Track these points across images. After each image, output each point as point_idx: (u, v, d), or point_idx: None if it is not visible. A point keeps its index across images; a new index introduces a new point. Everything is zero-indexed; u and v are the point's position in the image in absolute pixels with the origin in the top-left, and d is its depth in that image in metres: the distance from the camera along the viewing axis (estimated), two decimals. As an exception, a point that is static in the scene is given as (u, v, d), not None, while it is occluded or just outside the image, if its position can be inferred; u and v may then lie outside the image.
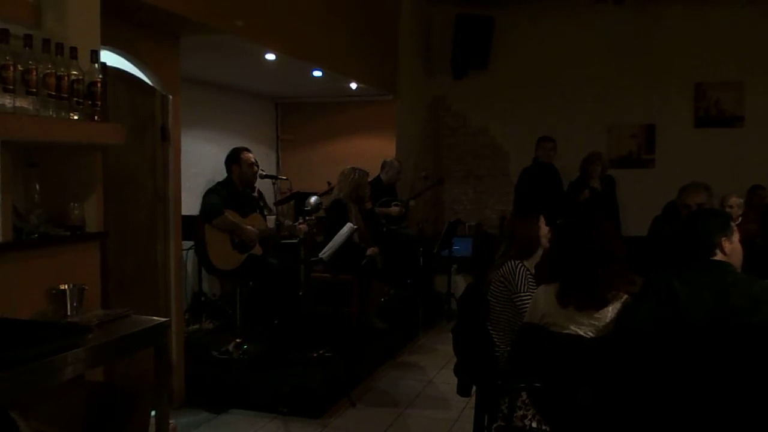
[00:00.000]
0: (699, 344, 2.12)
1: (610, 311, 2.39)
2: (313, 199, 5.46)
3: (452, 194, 7.84)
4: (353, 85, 6.27)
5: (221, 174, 4.80)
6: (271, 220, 4.91)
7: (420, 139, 7.54)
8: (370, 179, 5.88)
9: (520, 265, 3.09)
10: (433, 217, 7.65)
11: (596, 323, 2.39)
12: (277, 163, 7.42)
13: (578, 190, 6.12)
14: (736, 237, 2.35)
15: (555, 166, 6.42)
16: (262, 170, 5.01)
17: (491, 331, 3.05)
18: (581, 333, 2.40)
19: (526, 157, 6.50)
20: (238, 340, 4.60)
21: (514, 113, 7.46)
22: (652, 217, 4.77)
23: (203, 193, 4.62)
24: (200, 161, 5.85)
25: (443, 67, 7.51)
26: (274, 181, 5.09)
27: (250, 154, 4.74)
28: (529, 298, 2.90)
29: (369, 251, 5.24)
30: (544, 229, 3.22)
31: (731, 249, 2.32)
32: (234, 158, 4.71)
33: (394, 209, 6.19)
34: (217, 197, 4.49)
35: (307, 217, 4.68)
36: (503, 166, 7.62)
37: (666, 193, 4.96)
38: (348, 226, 4.84)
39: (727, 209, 4.67)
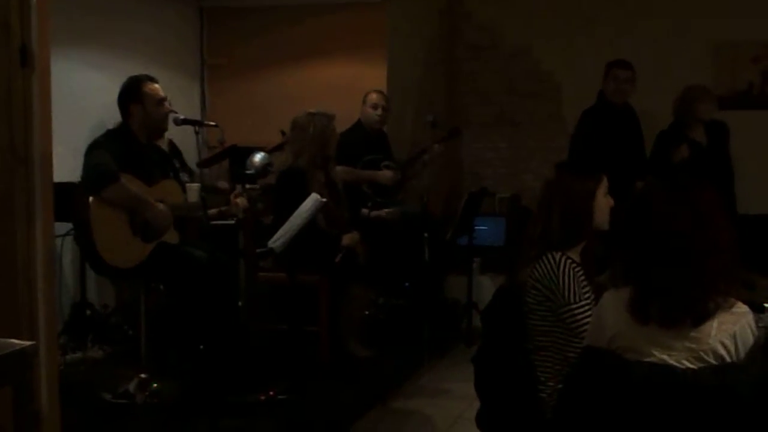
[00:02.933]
0: None
1: (715, 327, 2.39)
2: (258, 157, 5.43)
3: (474, 150, 7.85)
4: (321, -20, 6.24)
5: (115, 118, 4.79)
6: (193, 189, 4.90)
7: (425, 66, 7.50)
8: (345, 128, 5.86)
9: (564, 258, 3.06)
10: (444, 185, 7.65)
11: (694, 346, 2.40)
12: (203, 101, 7.40)
13: (671, 144, 6.11)
14: None
15: (632, 106, 6.42)
16: (177, 112, 4.97)
17: (535, 361, 3.06)
18: (671, 362, 2.40)
19: (589, 92, 6.50)
20: (143, 376, 4.60)
21: (571, 26, 7.44)
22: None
23: (86, 150, 4.60)
24: (82, 99, 5.80)
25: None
26: (197, 129, 5.05)
27: (157, 86, 4.73)
28: (587, 311, 2.92)
29: (345, 239, 5.24)
30: (603, 200, 3.19)
31: None
32: (132, 93, 4.69)
33: (385, 174, 6.18)
34: (107, 155, 4.48)
35: (248, 186, 4.66)
36: (554, 107, 7.63)
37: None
38: (313, 199, 4.84)
39: None
